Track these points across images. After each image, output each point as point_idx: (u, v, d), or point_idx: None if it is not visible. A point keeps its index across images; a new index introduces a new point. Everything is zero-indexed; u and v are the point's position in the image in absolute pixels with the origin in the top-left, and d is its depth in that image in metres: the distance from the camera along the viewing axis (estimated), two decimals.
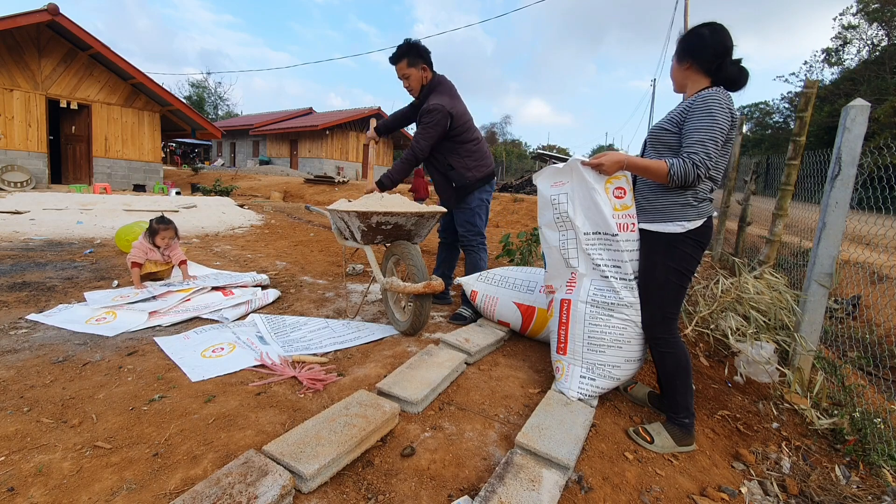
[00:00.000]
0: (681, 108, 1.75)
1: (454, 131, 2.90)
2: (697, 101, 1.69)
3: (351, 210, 2.50)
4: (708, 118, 1.64)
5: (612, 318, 1.88)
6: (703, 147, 1.63)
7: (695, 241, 1.75)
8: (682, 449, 1.79)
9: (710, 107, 1.65)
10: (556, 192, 2.00)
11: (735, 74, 1.72)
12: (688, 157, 1.64)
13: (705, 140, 1.63)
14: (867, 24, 22.36)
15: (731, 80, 1.74)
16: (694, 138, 1.65)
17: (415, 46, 2.89)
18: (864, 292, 3.94)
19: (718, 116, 1.64)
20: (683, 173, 1.64)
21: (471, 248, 3.11)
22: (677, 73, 1.84)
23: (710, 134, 1.64)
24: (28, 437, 1.55)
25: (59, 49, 10.43)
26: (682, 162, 1.65)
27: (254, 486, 1.25)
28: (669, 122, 1.77)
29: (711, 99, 1.66)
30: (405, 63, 2.90)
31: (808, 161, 3.41)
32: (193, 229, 6.53)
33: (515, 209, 10.54)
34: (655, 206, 1.80)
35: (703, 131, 1.64)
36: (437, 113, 2.80)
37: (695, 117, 1.67)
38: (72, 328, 2.54)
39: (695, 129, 1.66)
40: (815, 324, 2.36)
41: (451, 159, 2.96)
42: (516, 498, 1.33)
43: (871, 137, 11.53)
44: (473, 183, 2.98)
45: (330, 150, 23.17)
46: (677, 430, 1.79)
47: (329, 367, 2.19)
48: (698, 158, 1.63)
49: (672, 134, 1.76)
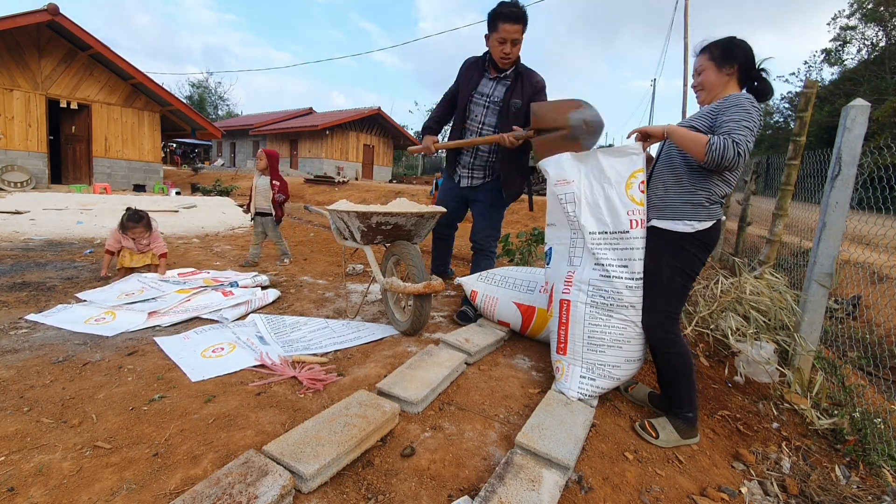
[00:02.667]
0: (710, 108, 1.76)
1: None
2: (730, 99, 1.70)
3: (351, 210, 2.50)
4: (743, 111, 1.64)
5: (612, 318, 1.88)
6: (742, 131, 1.61)
7: (702, 243, 1.75)
8: (687, 442, 1.81)
9: (742, 104, 1.66)
10: (562, 192, 1.99)
11: (768, 87, 1.77)
12: (728, 135, 1.61)
13: (743, 127, 1.62)
14: (864, 24, 22.36)
15: (762, 91, 1.77)
16: (731, 125, 1.63)
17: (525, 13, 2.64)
18: (864, 292, 3.94)
19: (752, 111, 1.65)
20: (723, 149, 1.59)
21: (490, 252, 3.06)
22: (716, 78, 1.79)
23: (746, 123, 1.63)
24: (28, 437, 1.55)
25: (59, 49, 10.43)
26: (723, 139, 1.61)
27: (254, 487, 1.25)
28: (697, 120, 1.77)
29: (743, 97, 1.68)
30: (522, 27, 2.61)
31: (808, 161, 3.41)
32: (193, 229, 6.53)
33: (515, 209, 10.52)
34: (667, 203, 1.80)
35: (739, 120, 1.63)
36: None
37: (729, 111, 1.67)
38: (71, 328, 2.54)
39: (730, 118, 1.65)
40: (815, 324, 2.36)
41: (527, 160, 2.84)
42: (516, 498, 1.33)
43: (871, 137, 11.51)
44: (520, 192, 2.94)
45: (330, 150, 23.16)
46: (681, 423, 1.81)
47: (329, 367, 2.19)
48: (739, 137, 1.60)
49: (699, 132, 1.74)
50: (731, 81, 1.79)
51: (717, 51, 1.79)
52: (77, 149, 11.67)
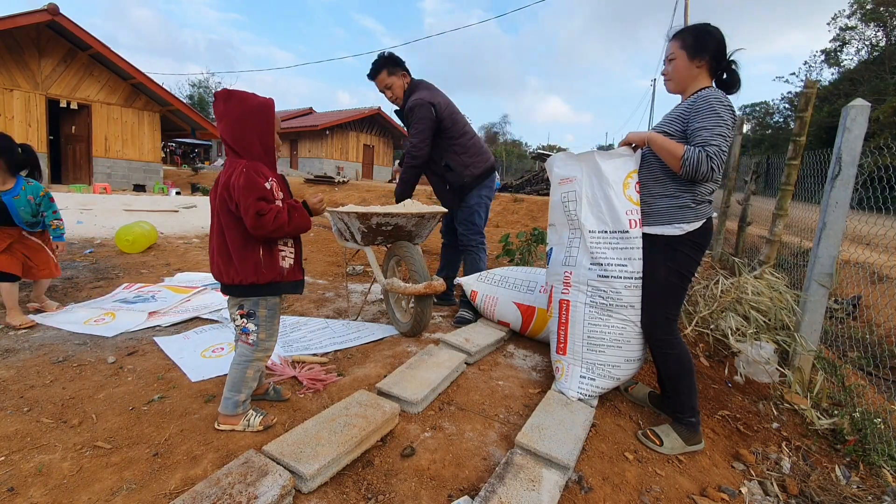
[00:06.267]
0: (681, 109, 1.73)
1: (443, 125, 2.86)
2: (699, 101, 1.67)
3: (351, 211, 2.50)
4: (715, 115, 1.62)
5: (612, 318, 1.88)
6: (715, 141, 1.60)
7: (694, 243, 1.75)
8: (692, 448, 1.79)
9: (712, 105, 1.63)
10: (565, 190, 1.98)
11: (736, 80, 1.74)
12: (702, 149, 1.60)
13: (716, 135, 1.61)
14: (864, 25, 22.38)
15: (731, 83, 1.74)
16: (704, 134, 1.62)
17: (390, 57, 2.89)
18: (864, 292, 3.94)
19: (724, 114, 1.63)
20: (696, 162, 1.60)
21: (470, 248, 3.07)
22: (686, 71, 1.75)
23: (719, 130, 1.61)
24: (28, 437, 1.55)
25: (58, 49, 10.42)
26: (697, 151, 1.61)
27: (254, 487, 1.25)
28: (670, 124, 1.75)
29: (712, 97, 1.65)
30: (385, 74, 2.90)
31: (808, 161, 3.41)
32: (193, 229, 6.53)
33: (515, 209, 10.53)
34: (654, 209, 1.80)
35: (712, 128, 1.61)
36: (420, 108, 2.77)
37: (701, 115, 1.64)
38: (70, 329, 2.54)
39: (703, 126, 1.63)
40: (816, 324, 2.36)
41: (448, 158, 2.91)
42: (516, 498, 1.33)
43: (871, 137, 11.52)
44: (471, 181, 2.95)
45: (330, 150, 23.16)
46: (685, 429, 1.79)
47: (329, 367, 2.19)
48: (713, 150, 1.59)
49: (672, 137, 1.73)
50: (702, 73, 1.75)
51: (690, 38, 1.73)
52: (77, 149, 11.66)
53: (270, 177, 1.55)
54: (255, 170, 1.51)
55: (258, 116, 1.53)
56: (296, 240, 1.70)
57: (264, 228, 1.48)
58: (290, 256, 1.66)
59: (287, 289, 1.67)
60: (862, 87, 19.41)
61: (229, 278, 1.56)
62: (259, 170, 1.52)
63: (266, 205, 1.48)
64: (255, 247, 1.55)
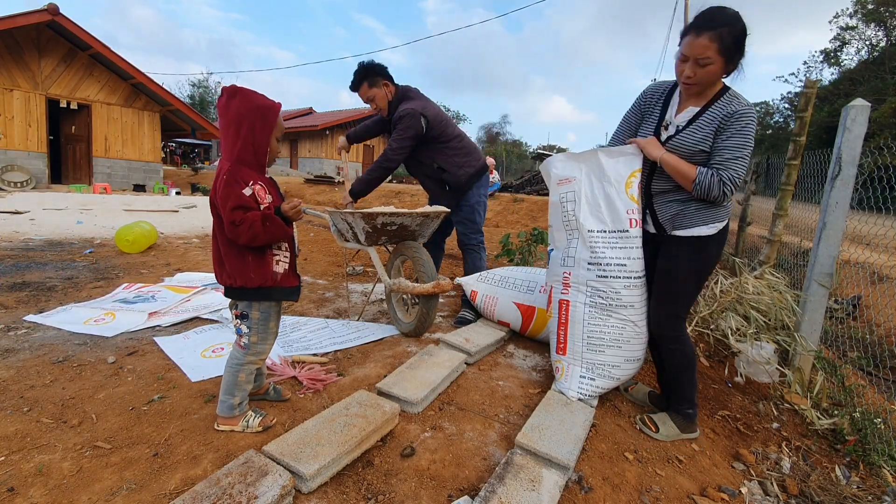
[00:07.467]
0: (718, 123, 1.62)
1: (433, 132, 2.86)
2: (734, 120, 1.59)
3: (355, 212, 2.49)
4: (742, 139, 1.58)
5: (611, 318, 1.88)
6: (734, 165, 1.58)
7: (719, 241, 1.75)
8: (686, 436, 1.83)
9: (745, 128, 1.58)
10: (563, 191, 1.98)
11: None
12: (716, 173, 1.58)
13: (737, 159, 1.58)
14: (864, 25, 22.39)
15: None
16: (726, 156, 1.58)
17: (370, 67, 2.86)
18: (864, 292, 3.94)
19: (751, 137, 1.60)
20: (708, 187, 1.59)
21: (471, 248, 3.08)
22: (717, 77, 1.61)
23: (740, 153, 1.58)
24: (28, 437, 1.55)
25: (58, 49, 10.42)
26: (711, 175, 1.59)
27: (254, 487, 1.25)
28: (703, 140, 1.64)
29: (747, 118, 1.58)
30: (366, 86, 2.88)
31: (808, 161, 3.41)
32: (193, 229, 6.53)
33: (515, 209, 10.54)
34: (687, 214, 1.72)
35: (734, 150, 1.58)
36: (409, 117, 2.76)
37: (728, 134, 1.59)
38: (70, 329, 2.54)
39: (726, 147, 1.59)
40: (816, 324, 2.36)
41: (440, 160, 2.92)
42: (516, 498, 1.33)
43: (871, 137, 11.52)
44: (468, 180, 2.96)
45: (330, 150, 23.17)
46: (681, 419, 1.84)
47: (329, 367, 2.19)
48: (727, 176, 1.57)
49: (707, 155, 1.65)
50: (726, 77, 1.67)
51: (730, 40, 1.51)
52: (77, 149, 11.66)
53: (252, 181, 1.50)
54: (236, 176, 1.47)
55: (258, 117, 1.51)
56: (290, 243, 1.68)
57: (239, 238, 1.46)
58: (285, 261, 1.63)
59: (280, 295, 1.63)
60: (862, 87, 19.42)
61: (222, 279, 1.57)
62: (240, 176, 1.48)
63: (241, 214, 1.44)
64: (244, 250, 1.53)
